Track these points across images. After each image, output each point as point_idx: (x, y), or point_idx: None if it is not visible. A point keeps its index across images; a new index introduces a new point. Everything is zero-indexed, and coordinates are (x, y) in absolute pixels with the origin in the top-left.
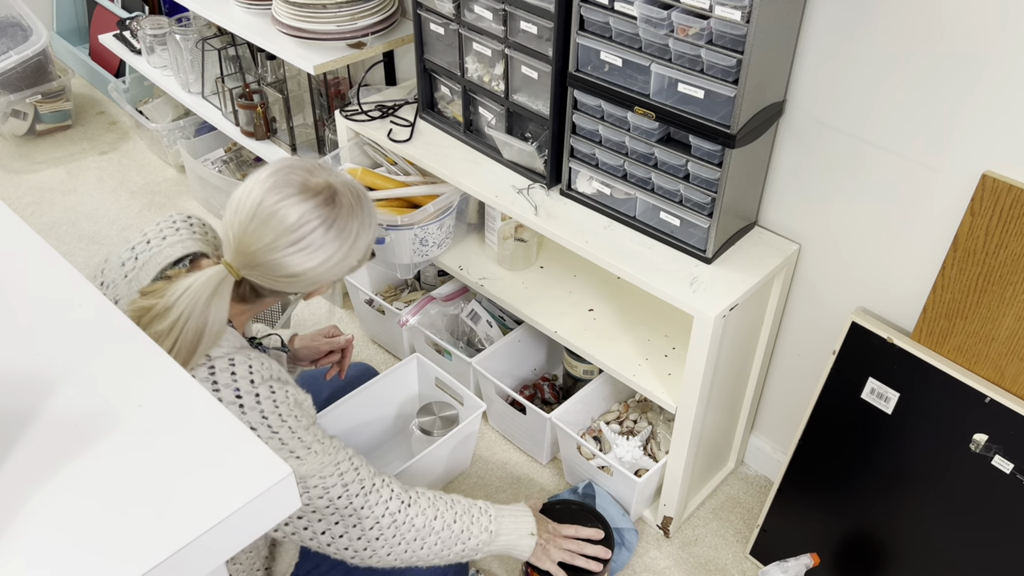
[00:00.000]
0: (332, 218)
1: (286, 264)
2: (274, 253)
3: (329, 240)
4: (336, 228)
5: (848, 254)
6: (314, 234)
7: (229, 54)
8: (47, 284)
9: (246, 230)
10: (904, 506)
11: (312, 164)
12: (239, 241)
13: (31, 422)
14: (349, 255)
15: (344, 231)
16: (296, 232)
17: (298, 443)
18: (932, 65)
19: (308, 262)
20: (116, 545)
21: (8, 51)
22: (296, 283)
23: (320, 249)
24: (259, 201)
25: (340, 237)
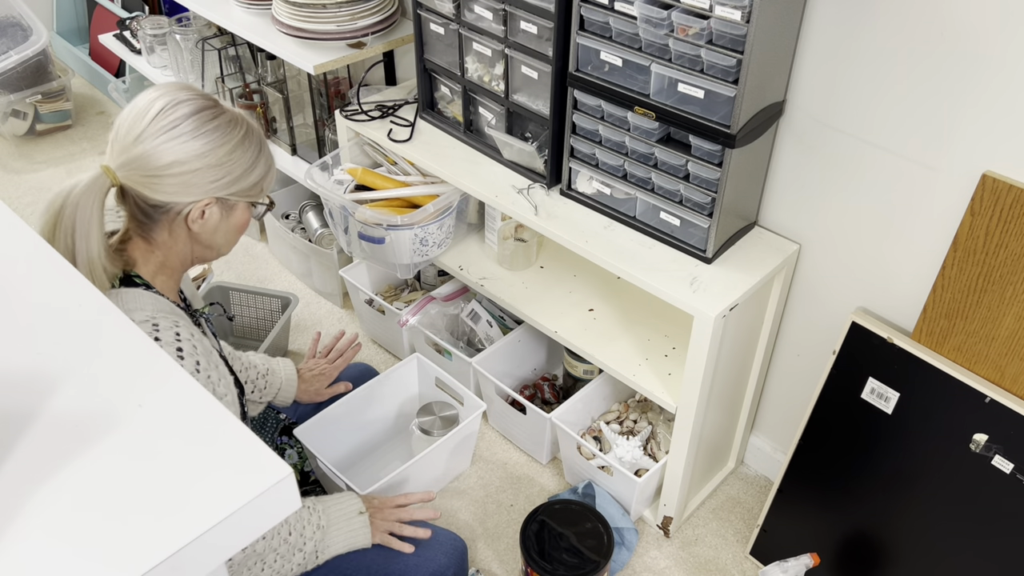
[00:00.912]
0: (209, 114)
1: (156, 153)
2: (145, 141)
3: (203, 133)
4: (213, 125)
5: (848, 254)
6: (185, 122)
7: (229, 54)
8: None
9: (125, 123)
10: (904, 506)
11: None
12: (118, 137)
13: (31, 422)
14: (227, 164)
15: (221, 131)
16: (166, 116)
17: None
18: (932, 65)
19: (176, 151)
20: (116, 545)
21: (8, 51)
22: (167, 183)
23: (191, 140)
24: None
25: (215, 134)
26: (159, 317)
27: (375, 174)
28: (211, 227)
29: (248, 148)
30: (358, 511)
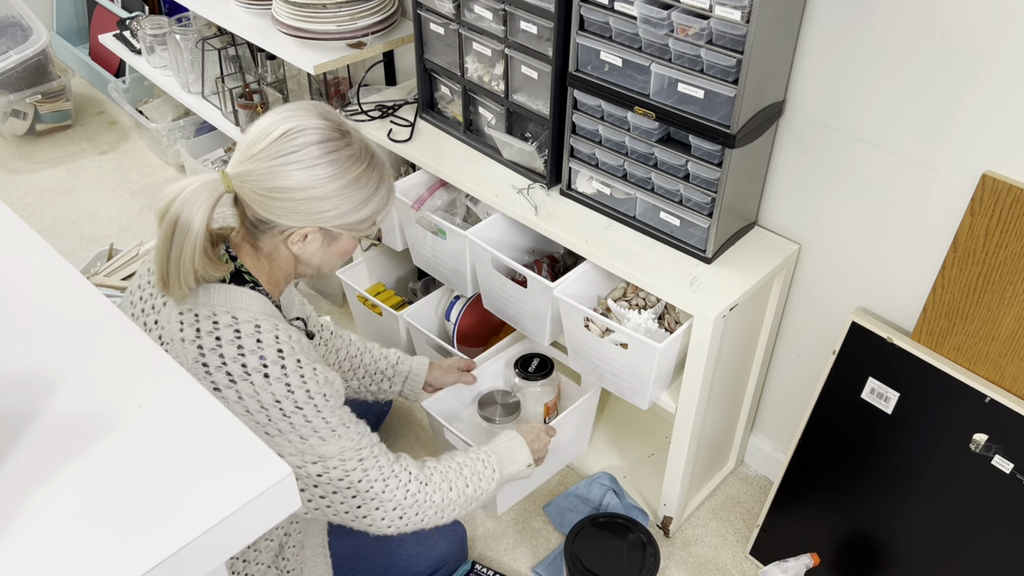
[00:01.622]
0: (333, 146)
1: (273, 174)
2: (265, 160)
3: (323, 164)
4: (334, 156)
5: (848, 254)
6: (308, 149)
7: (229, 54)
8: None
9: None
10: (904, 506)
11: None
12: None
13: (31, 422)
14: (340, 198)
15: (342, 165)
16: (291, 141)
17: (323, 423)
18: (933, 65)
19: (292, 177)
20: (116, 545)
21: (8, 51)
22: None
23: (309, 168)
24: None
25: (335, 168)
26: (261, 319)
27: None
28: (310, 251)
29: (363, 186)
30: (526, 464)
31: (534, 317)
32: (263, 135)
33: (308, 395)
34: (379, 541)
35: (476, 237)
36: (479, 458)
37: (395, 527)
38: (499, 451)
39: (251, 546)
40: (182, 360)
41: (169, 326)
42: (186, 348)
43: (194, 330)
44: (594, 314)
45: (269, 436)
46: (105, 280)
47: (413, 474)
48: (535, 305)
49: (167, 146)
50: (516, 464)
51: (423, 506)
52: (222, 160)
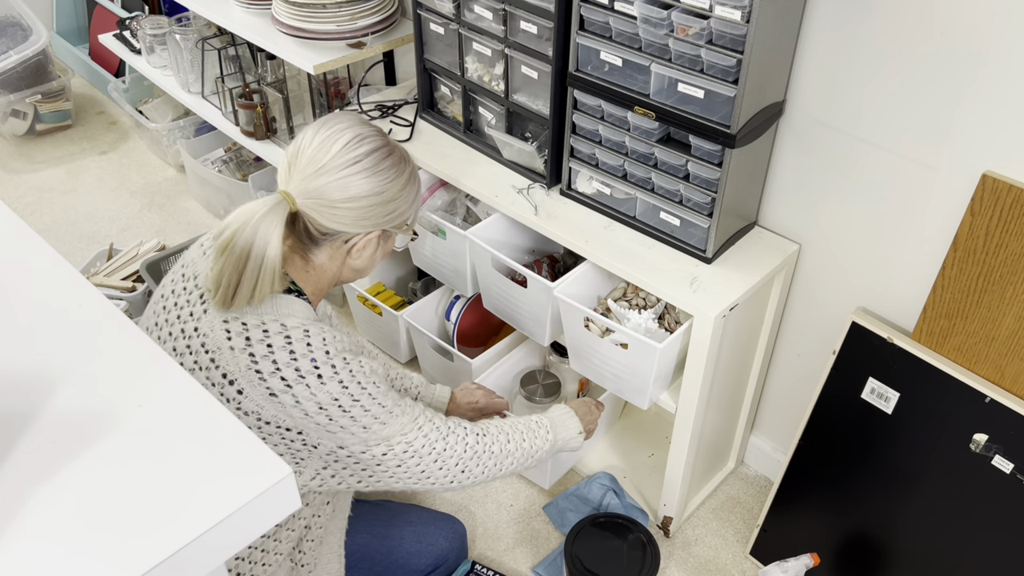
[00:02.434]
0: (387, 149)
1: (348, 184)
2: (331, 173)
3: (384, 167)
4: (392, 159)
5: (848, 254)
6: (371, 156)
7: (229, 54)
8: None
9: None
10: (904, 506)
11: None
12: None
13: (31, 422)
14: (399, 198)
15: (398, 167)
16: (354, 151)
17: (380, 409)
18: (933, 65)
19: (367, 185)
20: (116, 545)
21: (8, 51)
22: (354, 213)
23: (375, 176)
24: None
25: (394, 170)
26: (309, 324)
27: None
28: (368, 254)
29: (413, 185)
30: (578, 432)
31: (534, 317)
32: (324, 148)
33: (361, 387)
34: (380, 539)
35: (476, 237)
36: (532, 419)
37: (458, 482)
38: (552, 417)
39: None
40: (233, 368)
41: (213, 334)
42: (236, 356)
43: (243, 339)
44: (594, 314)
45: (331, 433)
46: (105, 280)
47: (468, 428)
48: (535, 305)
49: (167, 146)
50: (569, 431)
51: (483, 456)
52: (222, 160)
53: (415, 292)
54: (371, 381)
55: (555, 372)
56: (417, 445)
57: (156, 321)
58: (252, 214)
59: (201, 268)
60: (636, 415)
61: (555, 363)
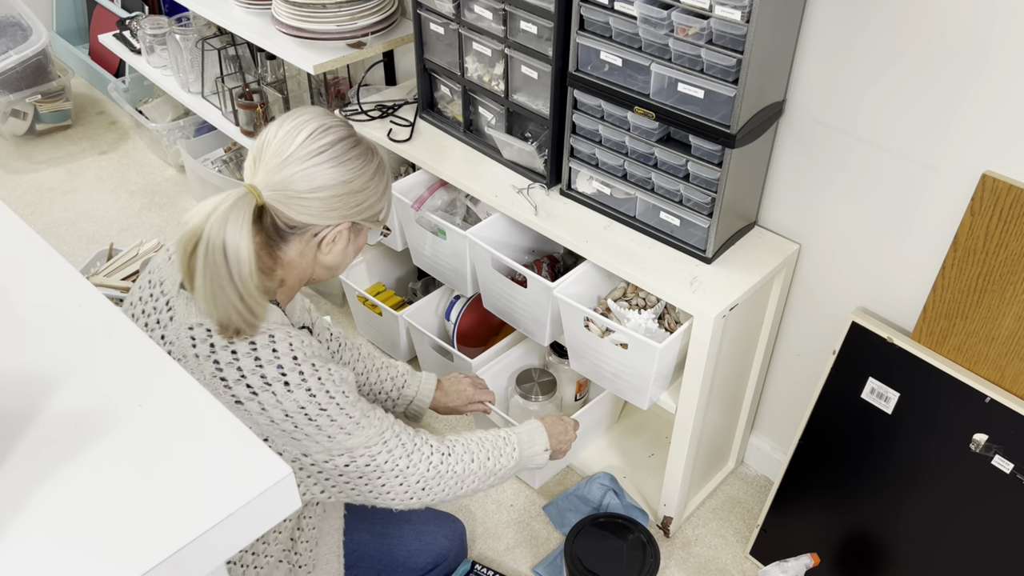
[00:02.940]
0: (353, 140)
1: (313, 174)
2: (297, 163)
3: (351, 157)
4: (358, 151)
5: (848, 254)
6: (337, 146)
7: (229, 54)
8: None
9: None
10: (904, 506)
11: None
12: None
13: (31, 422)
14: (368, 189)
15: (365, 157)
16: (319, 140)
17: (347, 419)
18: (933, 65)
19: (333, 174)
20: (116, 545)
21: (8, 51)
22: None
23: (341, 165)
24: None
25: (361, 160)
26: (274, 328)
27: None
28: (339, 249)
29: (382, 177)
30: (543, 449)
31: (534, 317)
32: (288, 140)
33: (329, 396)
34: (379, 537)
35: (476, 237)
36: (500, 435)
37: (417, 499)
38: (520, 432)
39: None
40: (199, 376)
41: (179, 342)
42: (202, 364)
43: (207, 345)
44: (594, 314)
45: (296, 440)
46: (105, 280)
47: (434, 447)
48: (535, 305)
49: (167, 146)
50: (535, 447)
51: (445, 477)
52: (222, 160)
53: (415, 292)
54: (340, 390)
55: (552, 371)
56: (380, 460)
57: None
58: (215, 208)
59: (167, 274)
60: (636, 415)
61: (554, 363)
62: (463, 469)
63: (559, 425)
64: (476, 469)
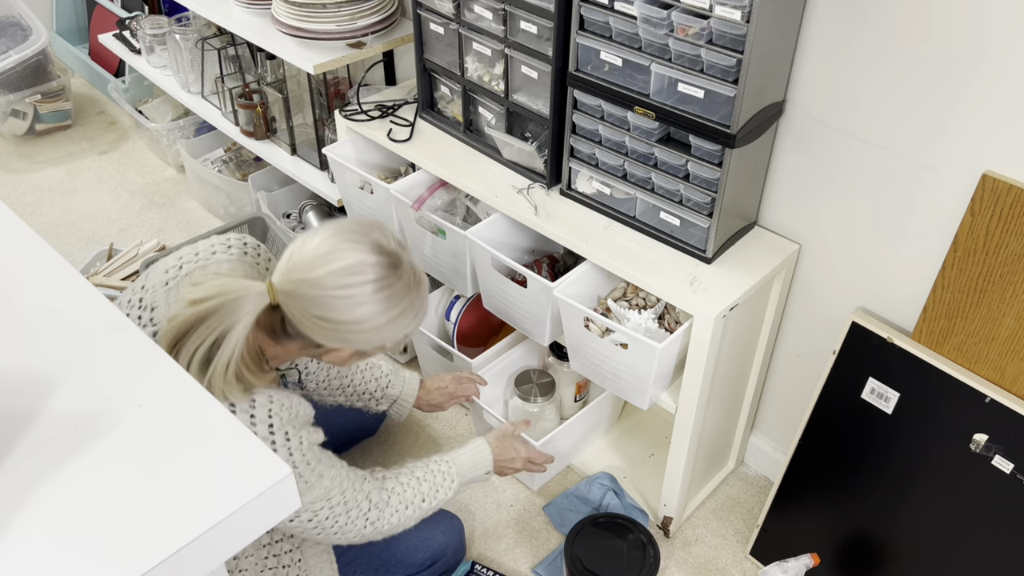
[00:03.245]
0: (386, 283)
1: (324, 305)
2: (318, 289)
3: (374, 302)
4: (385, 294)
5: (848, 254)
6: (363, 287)
7: (229, 54)
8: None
9: (304, 256)
10: (904, 506)
11: (392, 234)
12: (293, 264)
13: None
14: (384, 329)
15: (391, 301)
16: (348, 278)
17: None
18: (932, 64)
19: (344, 313)
20: (116, 545)
21: (8, 51)
22: (323, 330)
23: (361, 306)
24: (327, 237)
25: (385, 304)
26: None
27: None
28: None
29: (407, 317)
30: (485, 472)
31: (534, 317)
32: (319, 262)
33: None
34: None
35: (476, 237)
36: (440, 470)
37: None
38: (461, 461)
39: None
40: None
41: None
42: None
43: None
44: (594, 314)
45: None
46: (105, 280)
47: (373, 501)
48: (535, 305)
49: (167, 146)
50: (476, 471)
51: (380, 529)
52: (222, 160)
53: None
54: (304, 459)
55: (551, 372)
56: (321, 516)
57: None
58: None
59: (160, 300)
60: (636, 415)
61: (553, 364)
62: (397, 520)
63: (507, 446)
64: (411, 514)
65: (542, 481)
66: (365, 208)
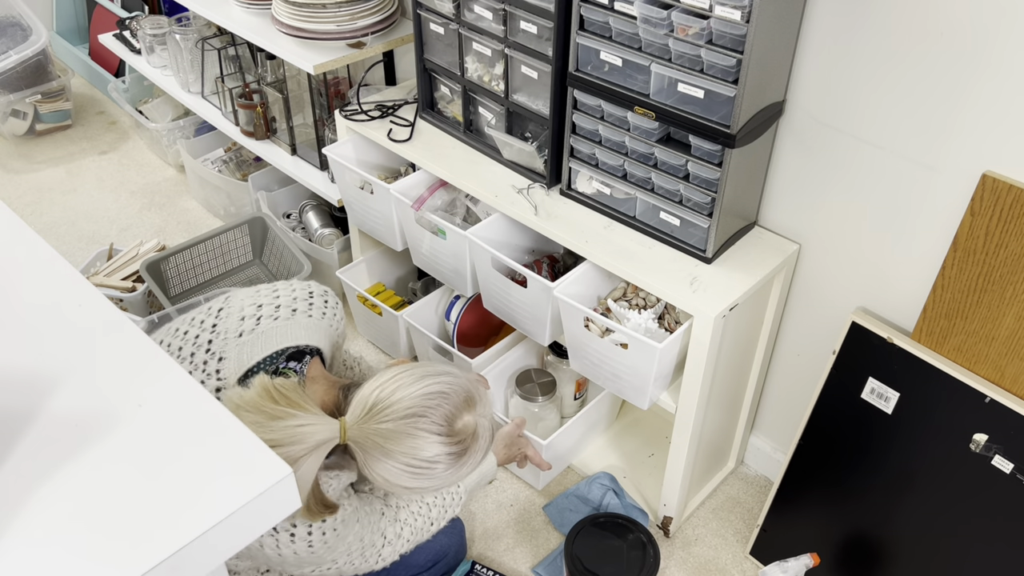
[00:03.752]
0: (456, 464)
1: (388, 471)
2: (389, 459)
3: (440, 478)
4: (452, 470)
5: (848, 254)
6: (433, 470)
7: (229, 54)
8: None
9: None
10: (904, 506)
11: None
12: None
13: (31, 422)
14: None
15: (458, 472)
16: (419, 465)
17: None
18: (932, 64)
19: (407, 482)
20: (116, 545)
21: (8, 51)
22: (381, 484)
23: (427, 479)
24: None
25: (450, 474)
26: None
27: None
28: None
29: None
30: (488, 481)
31: (534, 317)
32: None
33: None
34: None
35: (476, 237)
36: (451, 491)
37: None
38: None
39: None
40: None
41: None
42: None
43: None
44: (594, 314)
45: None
46: (105, 280)
47: (387, 538)
48: (535, 305)
49: (167, 146)
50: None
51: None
52: (222, 160)
53: (415, 292)
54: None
55: (551, 371)
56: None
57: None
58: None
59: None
60: (636, 415)
61: (553, 363)
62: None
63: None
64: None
65: (546, 480)
66: (365, 208)
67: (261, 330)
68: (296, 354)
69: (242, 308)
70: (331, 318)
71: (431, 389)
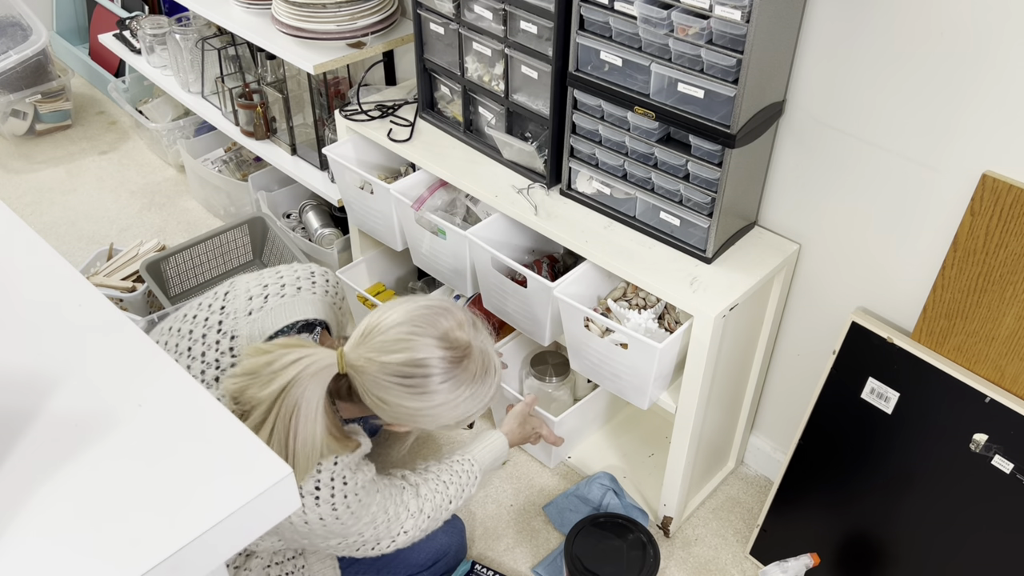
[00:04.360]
0: (452, 376)
1: (387, 389)
2: (383, 374)
3: (438, 392)
4: (450, 384)
5: (848, 254)
6: (429, 379)
7: (229, 54)
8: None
9: (377, 338)
10: (904, 506)
11: (466, 319)
12: (366, 340)
13: (31, 422)
14: (443, 412)
15: (456, 391)
16: (415, 369)
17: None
18: (932, 65)
19: (407, 400)
20: (116, 545)
21: (8, 51)
22: (383, 409)
23: (424, 396)
24: (401, 322)
25: (448, 393)
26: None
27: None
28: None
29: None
30: (502, 462)
31: (534, 317)
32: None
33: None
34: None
35: (476, 237)
36: (464, 470)
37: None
38: (482, 458)
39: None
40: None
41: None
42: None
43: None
44: (594, 314)
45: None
46: (105, 280)
47: (411, 510)
48: (535, 305)
49: (167, 146)
50: (495, 464)
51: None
52: (222, 160)
53: (415, 292)
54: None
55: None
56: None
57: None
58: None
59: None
60: (636, 415)
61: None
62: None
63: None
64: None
65: (558, 459)
66: (365, 208)
67: (270, 307)
68: (306, 326)
69: (248, 290)
70: (333, 296)
71: (424, 304)
